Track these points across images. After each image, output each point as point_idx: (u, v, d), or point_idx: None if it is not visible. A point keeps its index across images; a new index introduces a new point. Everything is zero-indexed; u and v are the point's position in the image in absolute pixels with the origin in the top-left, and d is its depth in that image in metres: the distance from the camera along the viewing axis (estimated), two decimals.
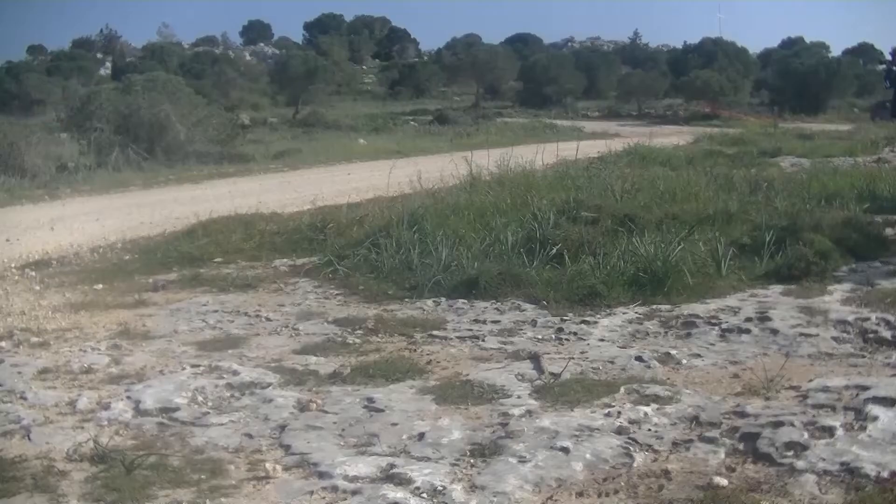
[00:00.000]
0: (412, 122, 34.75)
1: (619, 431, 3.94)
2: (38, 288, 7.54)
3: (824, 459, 3.54)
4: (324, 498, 3.45)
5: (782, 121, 34.13)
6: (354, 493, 3.44)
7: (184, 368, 5.07)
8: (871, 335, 5.35)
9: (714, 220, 8.22)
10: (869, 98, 45.58)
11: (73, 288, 7.47)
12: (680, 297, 6.32)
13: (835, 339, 5.32)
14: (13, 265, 8.71)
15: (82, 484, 3.58)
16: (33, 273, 8.25)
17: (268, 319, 6.27)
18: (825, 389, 4.34)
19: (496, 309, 6.35)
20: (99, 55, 60.55)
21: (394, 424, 4.14)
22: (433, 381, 4.80)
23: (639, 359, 5.05)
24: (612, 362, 5.01)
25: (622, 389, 4.49)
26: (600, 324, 5.83)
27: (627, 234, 7.56)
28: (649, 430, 3.97)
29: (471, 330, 5.84)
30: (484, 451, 3.78)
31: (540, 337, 5.63)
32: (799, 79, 44.19)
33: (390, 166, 11.12)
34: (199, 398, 4.59)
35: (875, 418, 3.89)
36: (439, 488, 3.44)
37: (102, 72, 55.15)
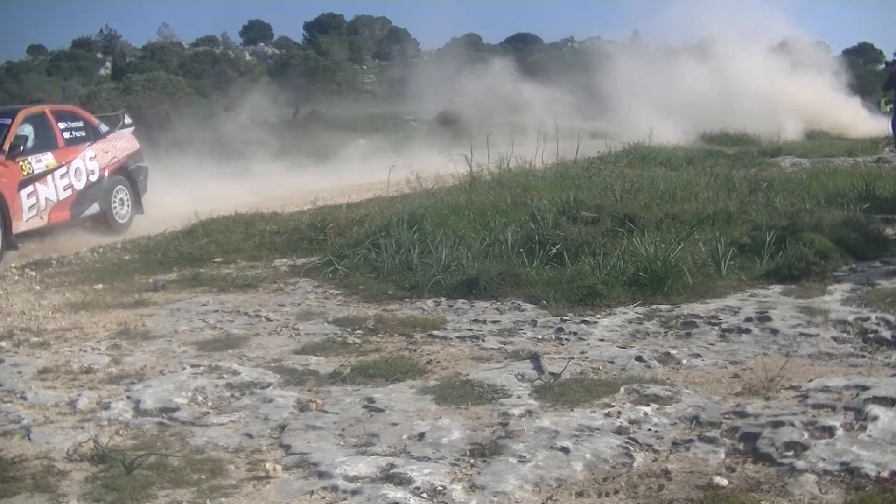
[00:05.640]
0: (412, 123, 34.73)
1: (619, 431, 3.94)
2: (38, 288, 7.55)
3: (824, 459, 3.54)
4: (324, 498, 3.45)
5: None
6: (354, 492, 3.44)
7: (184, 368, 5.07)
8: (871, 335, 5.34)
9: (714, 220, 8.21)
10: (868, 98, 45.57)
11: (73, 288, 7.47)
12: (680, 297, 6.32)
13: (835, 339, 5.31)
14: (13, 265, 8.72)
15: (82, 484, 3.58)
16: (33, 273, 8.26)
17: (268, 319, 6.27)
18: (825, 389, 4.34)
19: (496, 309, 6.35)
20: (99, 55, 60.55)
21: (394, 424, 4.14)
22: (433, 381, 4.80)
23: (639, 359, 5.05)
24: (612, 362, 5.01)
25: (622, 389, 4.49)
26: (600, 324, 5.83)
27: (627, 234, 7.56)
28: (649, 430, 3.97)
29: (471, 330, 5.84)
30: (484, 451, 3.77)
31: (540, 337, 5.63)
32: None
33: (390, 166, 11.13)
34: (199, 398, 4.60)
35: (875, 418, 3.89)
36: (439, 488, 3.44)
37: (102, 72, 55.17)
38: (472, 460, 3.72)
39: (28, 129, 10.33)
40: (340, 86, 47.00)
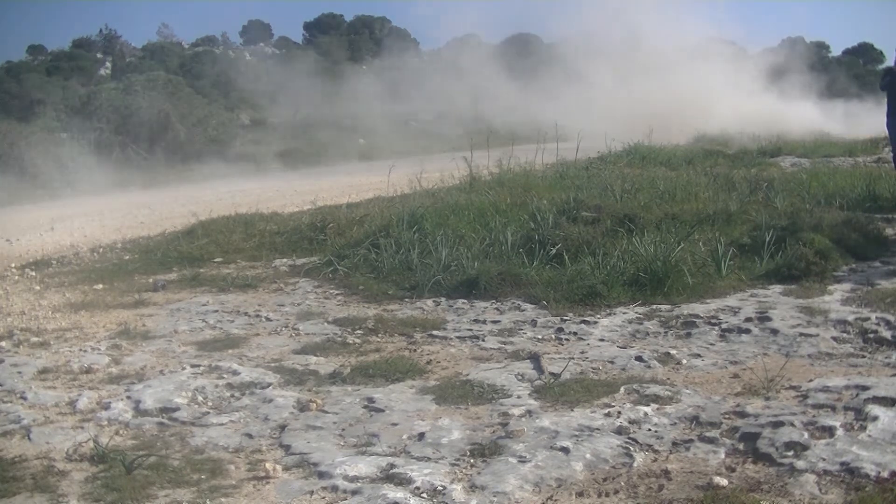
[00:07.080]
0: (412, 123, 34.72)
1: (619, 431, 3.94)
2: (38, 288, 7.55)
3: (824, 459, 3.54)
4: (324, 498, 3.45)
5: None
6: (354, 493, 3.44)
7: (184, 368, 5.07)
8: (871, 335, 5.34)
9: (714, 220, 8.22)
10: (868, 99, 45.57)
11: (73, 288, 7.47)
12: (680, 297, 6.32)
13: (835, 339, 5.31)
14: (13, 265, 8.72)
15: (82, 484, 3.58)
16: (33, 273, 8.27)
17: (268, 319, 6.27)
18: (825, 389, 4.34)
19: (496, 309, 6.35)
20: (99, 55, 60.43)
21: (394, 424, 4.14)
22: (433, 381, 4.80)
23: (639, 359, 5.05)
24: (612, 362, 5.02)
25: (622, 389, 4.49)
26: (600, 324, 5.83)
27: (627, 234, 7.57)
28: (649, 430, 3.97)
29: (471, 330, 5.84)
30: (484, 451, 3.78)
31: (540, 337, 5.63)
32: None
33: (390, 166, 11.13)
34: (199, 398, 4.60)
35: (875, 418, 3.89)
36: (439, 488, 3.44)
37: (102, 72, 55.08)
38: (472, 460, 3.72)
39: None
40: (340, 86, 46.98)
